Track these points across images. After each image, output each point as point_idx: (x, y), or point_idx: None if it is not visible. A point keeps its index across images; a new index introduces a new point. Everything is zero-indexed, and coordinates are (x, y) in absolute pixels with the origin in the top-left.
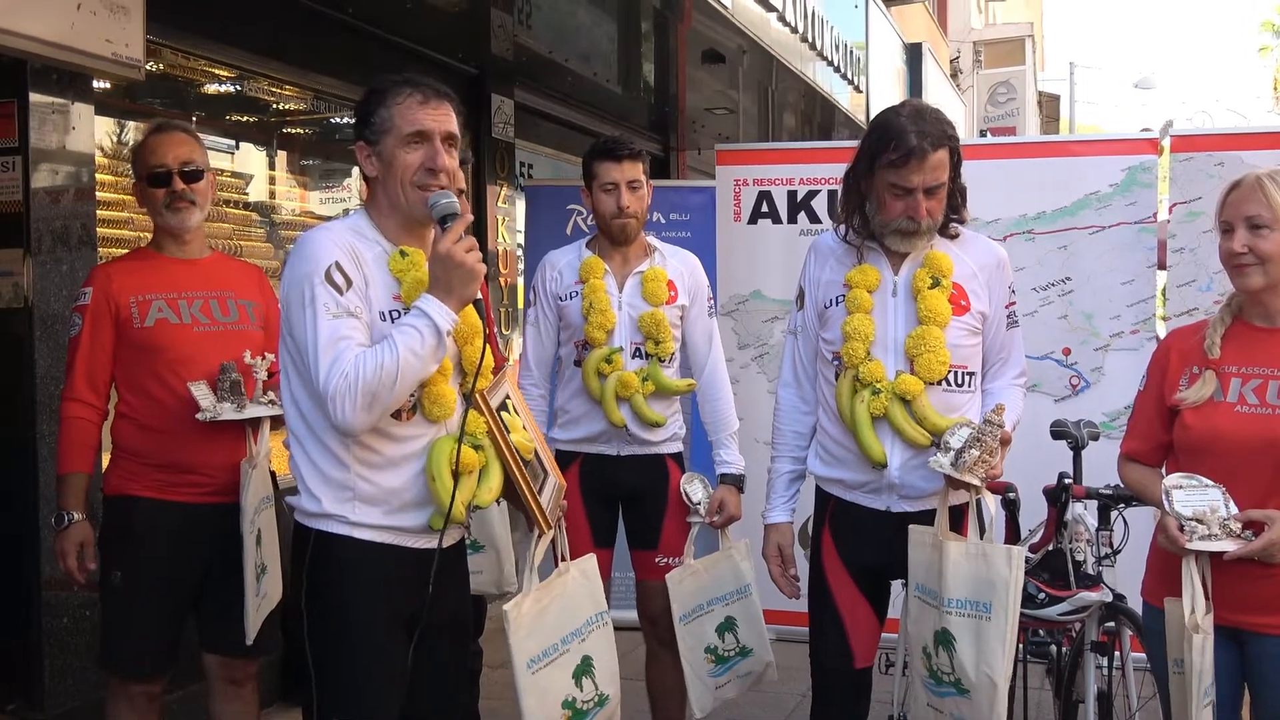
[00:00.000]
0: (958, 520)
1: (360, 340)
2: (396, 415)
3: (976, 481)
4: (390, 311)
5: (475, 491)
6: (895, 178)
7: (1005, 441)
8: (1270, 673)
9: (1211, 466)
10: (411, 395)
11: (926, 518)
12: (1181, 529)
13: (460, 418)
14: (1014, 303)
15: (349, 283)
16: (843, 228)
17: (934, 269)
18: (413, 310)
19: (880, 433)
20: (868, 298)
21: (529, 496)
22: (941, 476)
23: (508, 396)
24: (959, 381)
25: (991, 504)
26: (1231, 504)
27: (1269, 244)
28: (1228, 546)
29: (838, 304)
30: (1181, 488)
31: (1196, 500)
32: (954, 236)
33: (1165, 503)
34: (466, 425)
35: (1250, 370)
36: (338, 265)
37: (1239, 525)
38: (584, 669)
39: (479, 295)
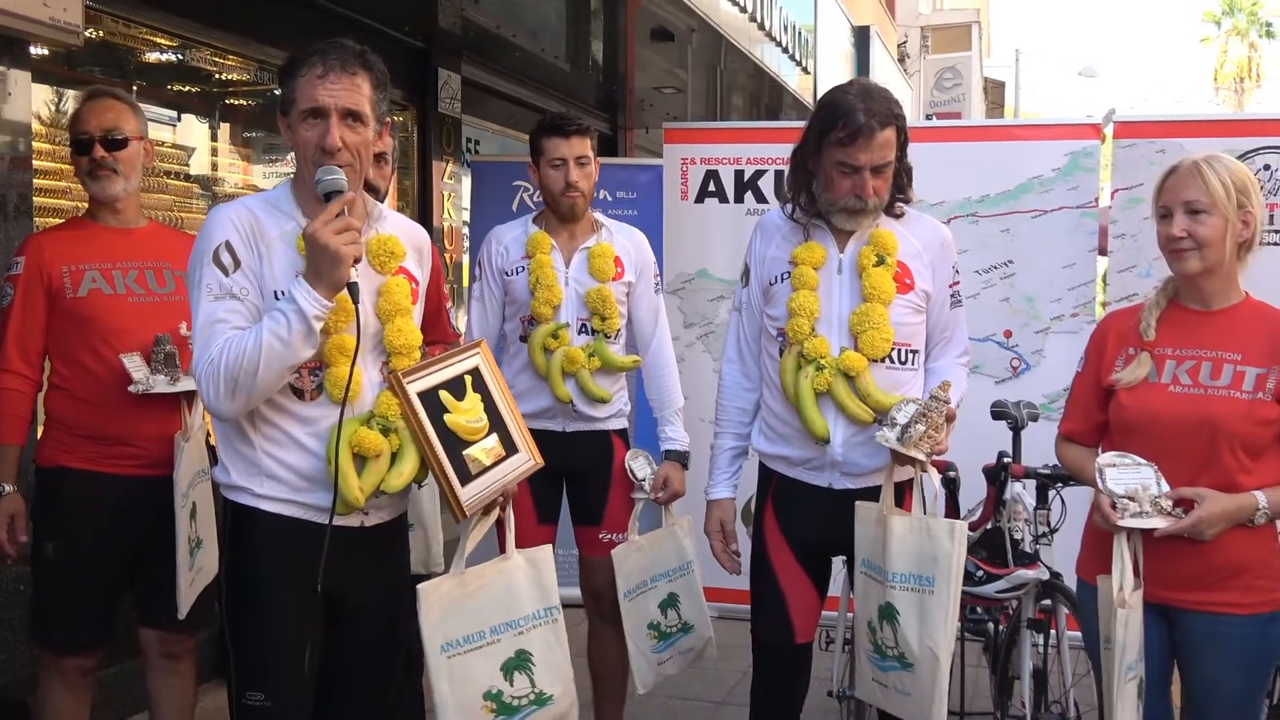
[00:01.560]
0: (901, 497)
1: (238, 323)
2: (300, 395)
3: (921, 456)
4: (283, 293)
5: (384, 476)
6: (843, 156)
7: (950, 418)
8: (1196, 649)
9: (1146, 445)
10: (314, 376)
11: (868, 495)
12: (1114, 506)
13: (371, 399)
14: (958, 282)
15: (236, 263)
16: (789, 205)
17: (879, 247)
18: (284, 296)
19: (824, 409)
20: (813, 274)
21: (443, 484)
22: (886, 452)
23: (475, 370)
24: (902, 359)
25: (935, 479)
26: (1163, 482)
27: (1206, 229)
28: (1159, 523)
29: (783, 281)
30: (1115, 466)
31: (1129, 478)
32: (899, 216)
33: (1099, 480)
34: (380, 406)
35: (1184, 352)
36: (227, 245)
37: (1170, 503)
38: (518, 663)
39: (354, 279)
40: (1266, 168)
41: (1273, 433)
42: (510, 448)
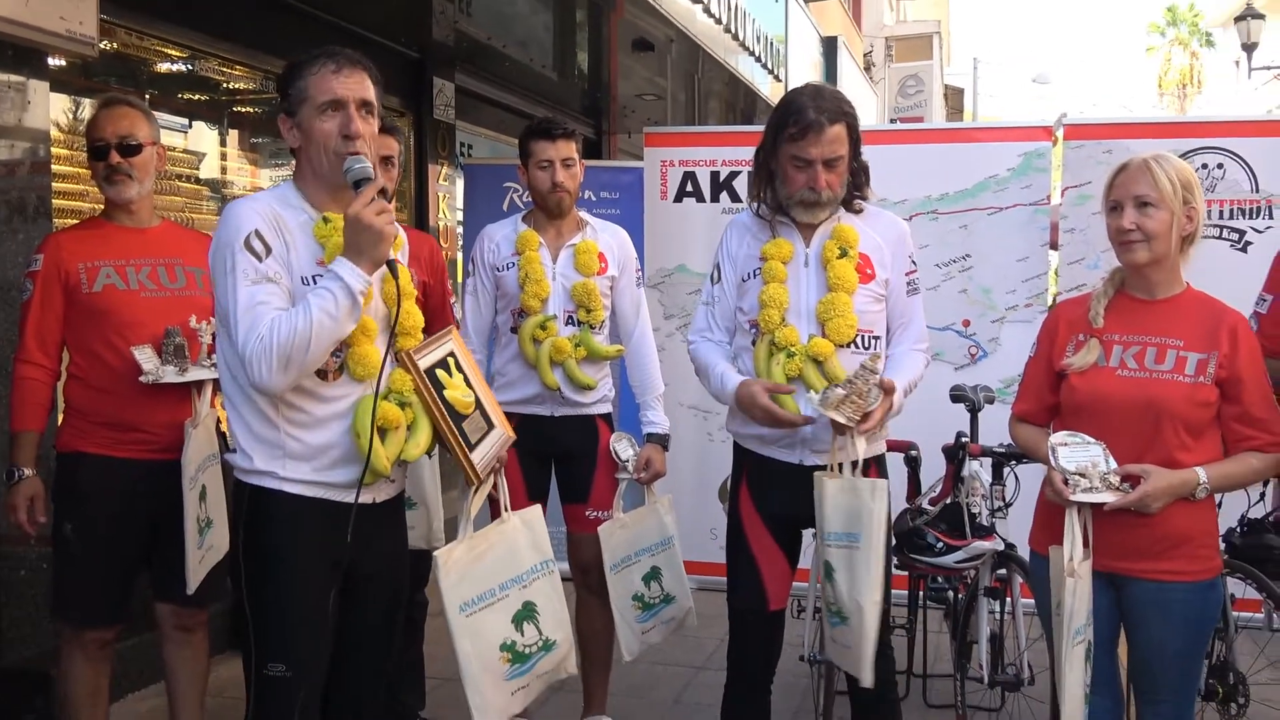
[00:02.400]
0: (867, 470)
1: (278, 305)
2: (323, 375)
3: (840, 419)
4: (314, 276)
5: (403, 446)
6: (796, 150)
7: (888, 390)
8: (1141, 614)
9: (1095, 425)
10: (337, 356)
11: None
12: (1066, 482)
13: (386, 376)
14: (914, 272)
15: (268, 250)
16: (755, 204)
17: (842, 241)
18: (327, 273)
19: (795, 393)
20: (782, 268)
21: (458, 451)
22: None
23: (451, 354)
24: (866, 344)
25: (861, 444)
26: (1111, 459)
27: (1154, 222)
28: (1108, 498)
29: (755, 276)
30: (1066, 444)
31: (1079, 456)
32: (859, 211)
33: (1051, 458)
34: (394, 383)
35: (1130, 338)
36: (257, 233)
37: (1118, 479)
38: (526, 614)
39: (391, 256)
40: (1204, 166)
41: (1212, 413)
42: (489, 423)
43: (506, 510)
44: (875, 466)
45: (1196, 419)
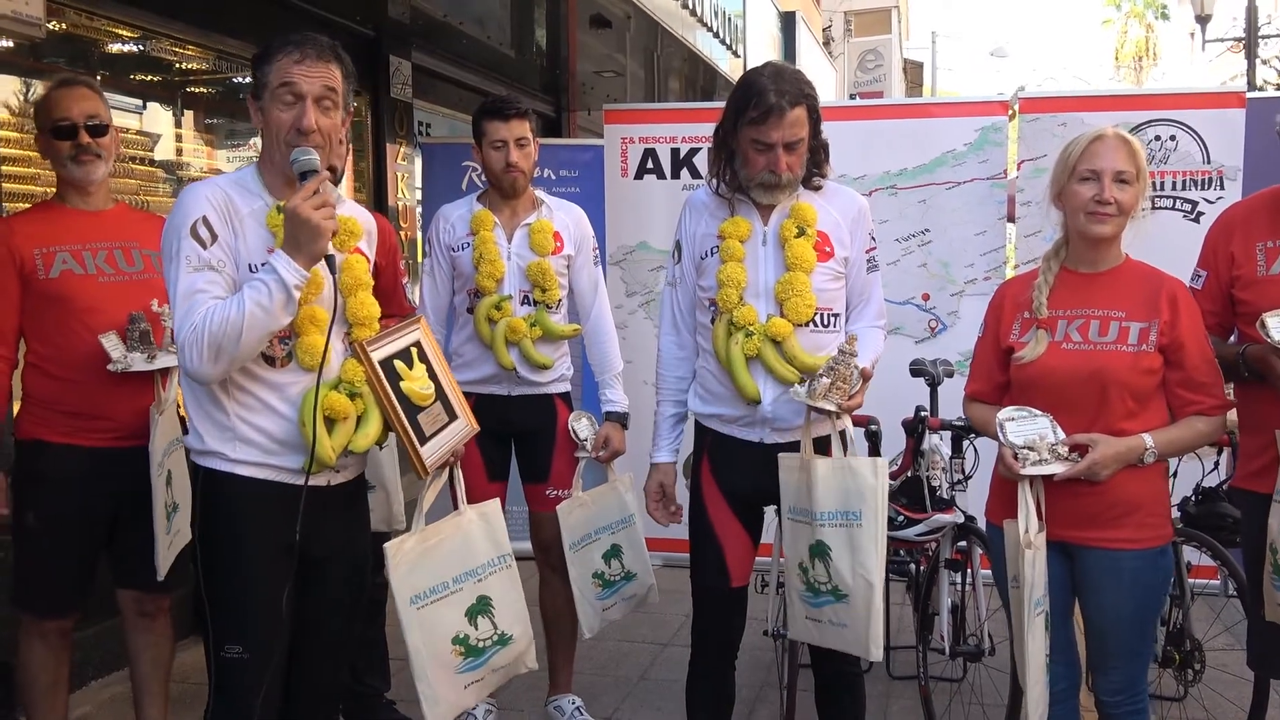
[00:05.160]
0: (823, 449)
1: (216, 294)
2: (271, 363)
3: (830, 407)
4: (261, 264)
5: (351, 437)
6: (757, 134)
7: (865, 376)
8: (1094, 582)
9: (1044, 400)
10: (285, 344)
11: (797, 448)
12: (1016, 457)
13: (337, 366)
14: (874, 248)
15: (214, 237)
16: (714, 181)
17: (800, 219)
18: (264, 266)
19: (754, 372)
20: (740, 247)
21: (407, 444)
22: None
23: (416, 344)
24: (825, 322)
25: (851, 428)
26: (1059, 430)
27: (1128, 196)
28: (1057, 469)
29: (713, 254)
30: (1014, 419)
31: (1027, 430)
32: (817, 189)
33: (1000, 434)
34: (345, 373)
35: (1074, 312)
36: (204, 220)
37: (1066, 449)
38: (480, 608)
39: (331, 251)
40: (1157, 138)
41: (1156, 380)
42: (451, 414)
43: (462, 503)
44: (830, 444)
45: (1142, 387)
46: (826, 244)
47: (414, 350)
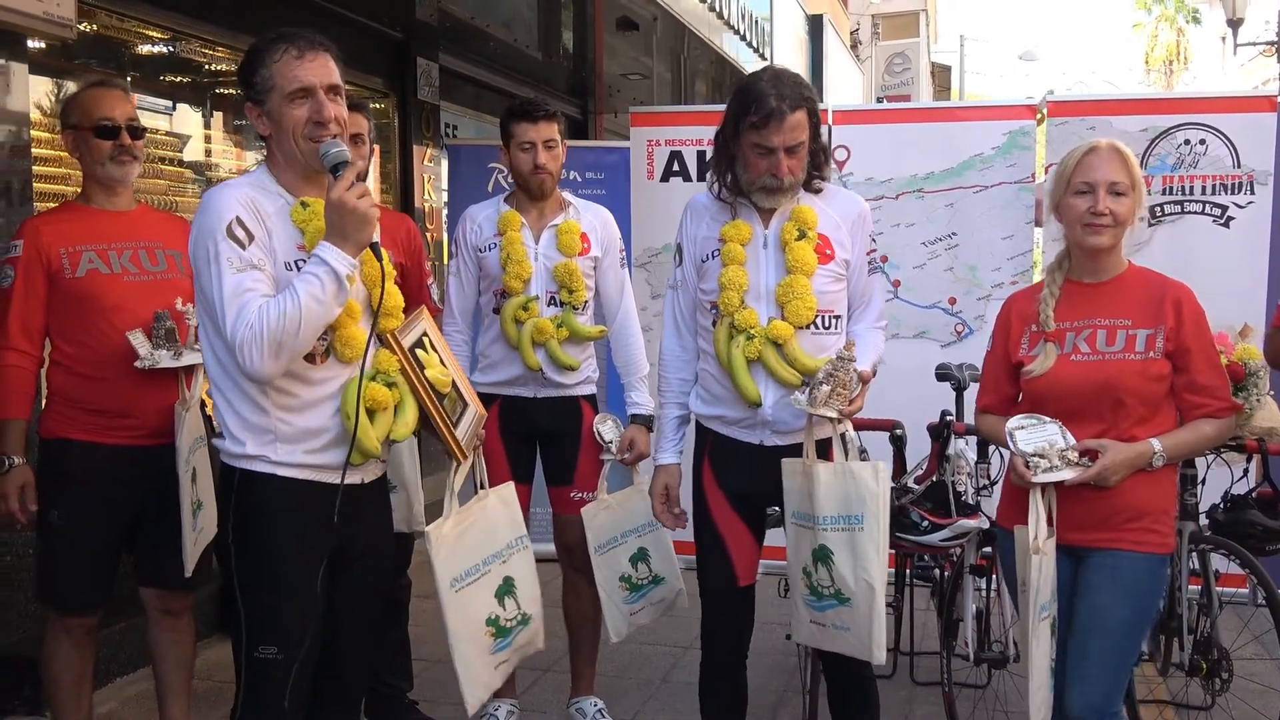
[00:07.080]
0: (825, 453)
1: (264, 291)
2: (310, 359)
3: (832, 414)
4: (295, 261)
5: (391, 426)
6: (758, 138)
7: (864, 380)
8: (1091, 580)
9: (1055, 410)
10: (323, 339)
11: (797, 450)
12: (1027, 465)
13: (371, 357)
14: (874, 250)
15: (250, 237)
16: (716, 186)
17: (800, 222)
18: (312, 258)
19: (755, 374)
20: (741, 250)
21: (444, 429)
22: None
23: (425, 334)
24: (826, 324)
25: (852, 431)
26: (1068, 435)
27: (1123, 208)
28: (1067, 475)
29: (714, 257)
30: (1023, 428)
31: (1037, 438)
32: (818, 191)
33: (1010, 444)
34: (379, 363)
35: (1081, 323)
36: (239, 220)
37: (1077, 454)
38: (506, 589)
39: (375, 239)
40: (1186, 143)
41: (1166, 386)
42: (464, 401)
43: (484, 486)
44: (832, 448)
45: (1152, 393)
46: (827, 246)
47: (426, 339)
